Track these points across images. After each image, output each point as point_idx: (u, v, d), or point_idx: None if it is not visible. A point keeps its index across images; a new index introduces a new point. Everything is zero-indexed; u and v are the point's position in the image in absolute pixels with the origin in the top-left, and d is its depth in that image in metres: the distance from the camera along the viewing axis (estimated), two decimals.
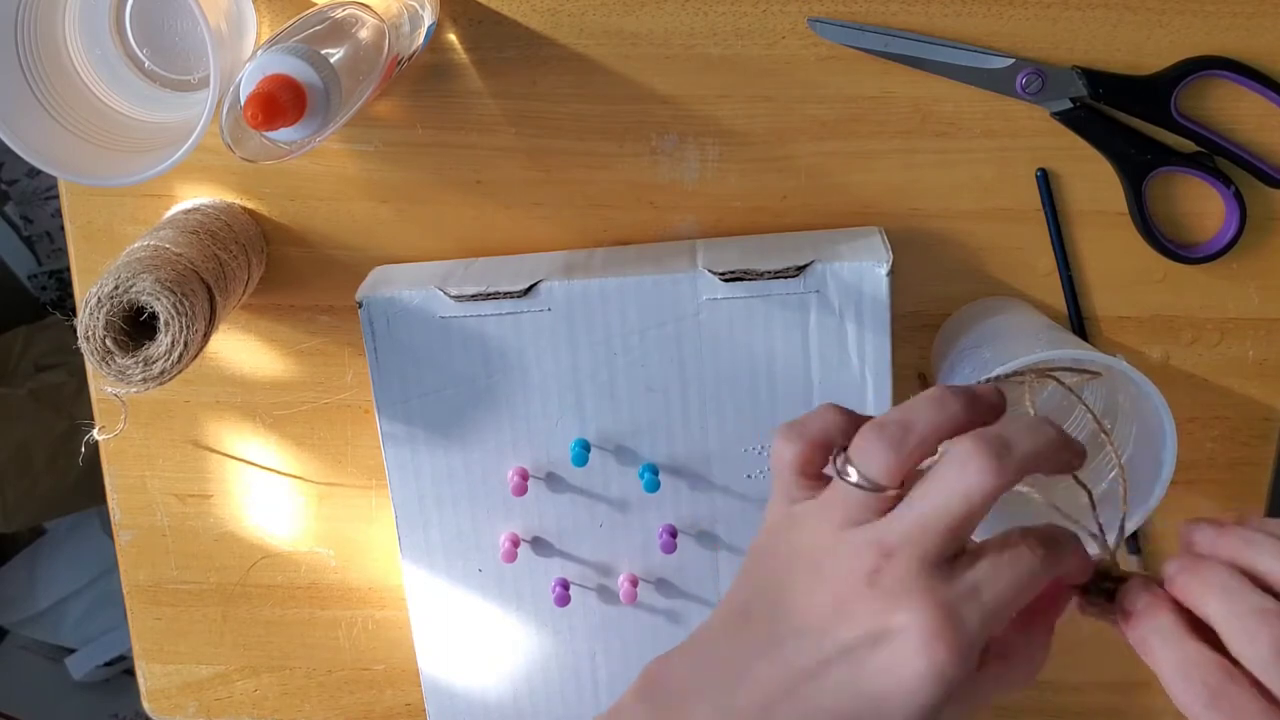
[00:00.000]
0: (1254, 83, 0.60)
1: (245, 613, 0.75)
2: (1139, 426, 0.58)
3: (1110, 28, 0.60)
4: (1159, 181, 0.63)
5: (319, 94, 0.47)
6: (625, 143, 0.63)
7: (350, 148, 0.64)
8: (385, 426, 0.64)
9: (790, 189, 0.64)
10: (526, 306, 0.61)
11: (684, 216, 0.65)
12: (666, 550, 0.64)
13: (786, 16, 0.61)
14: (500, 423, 0.63)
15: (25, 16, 0.55)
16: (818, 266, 0.60)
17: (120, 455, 0.72)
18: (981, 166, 0.63)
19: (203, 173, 0.65)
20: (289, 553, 0.73)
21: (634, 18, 0.61)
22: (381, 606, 0.74)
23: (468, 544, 0.66)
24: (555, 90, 0.63)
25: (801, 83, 0.62)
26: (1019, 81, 0.60)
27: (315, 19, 0.50)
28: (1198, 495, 0.68)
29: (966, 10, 0.60)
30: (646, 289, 0.61)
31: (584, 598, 0.66)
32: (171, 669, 0.76)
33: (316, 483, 0.71)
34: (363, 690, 0.76)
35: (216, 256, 0.60)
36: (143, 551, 0.74)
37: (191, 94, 0.61)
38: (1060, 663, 0.73)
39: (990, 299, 0.65)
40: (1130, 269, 0.64)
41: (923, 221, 0.64)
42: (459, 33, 0.62)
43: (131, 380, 0.57)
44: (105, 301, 0.56)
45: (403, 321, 0.62)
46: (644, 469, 0.63)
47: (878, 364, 0.61)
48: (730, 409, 0.62)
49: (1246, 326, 0.65)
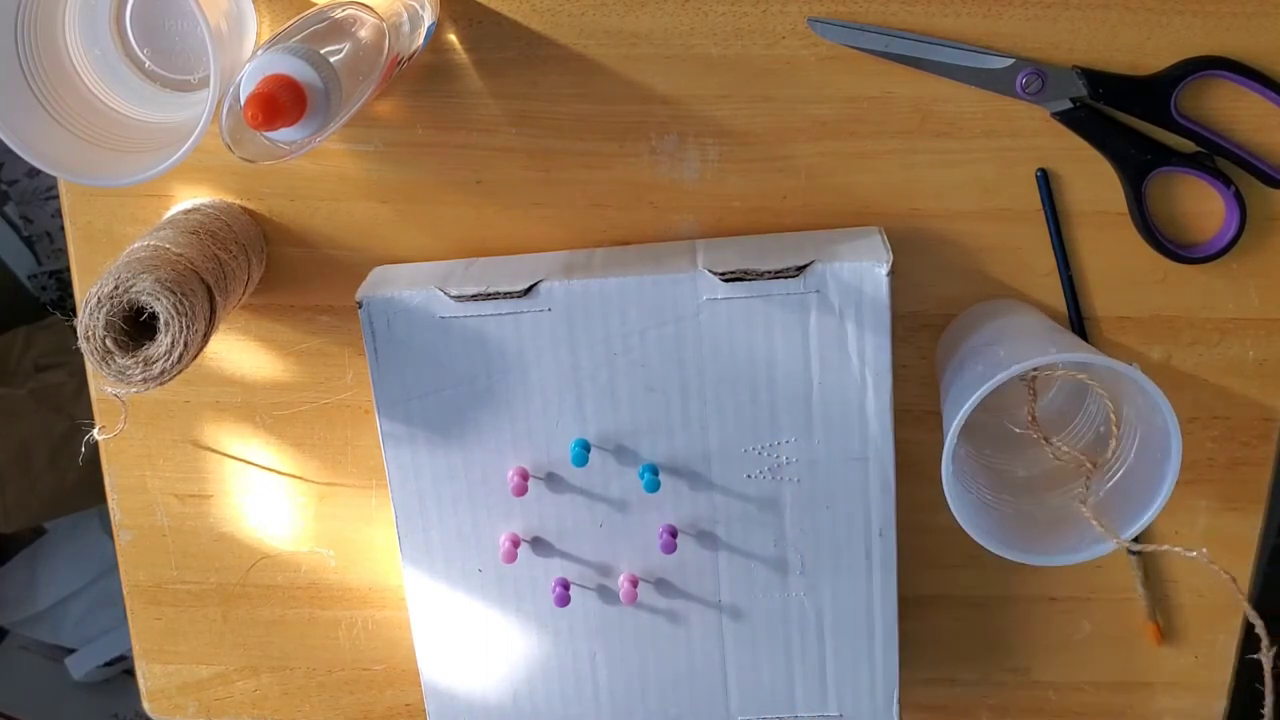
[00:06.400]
0: (1254, 83, 0.60)
1: (245, 613, 0.75)
2: (1143, 430, 0.58)
3: (1110, 28, 0.60)
4: (1159, 181, 0.62)
5: (319, 94, 0.47)
6: (625, 143, 0.63)
7: (350, 148, 0.64)
8: (385, 426, 0.64)
9: (790, 189, 0.64)
10: (526, 306, 0.61)
11: (684, 216, 0.65)
12: (666, 550, 0.64)
13: (786, 16, 0.61)
14: (500, 423, 0.63)
15: (25, 16, 0.55)
16: (818, 266, 0.60)
17: (120, 455, 0.72)
18: (981, 166, 0.63)
19: (203, 173, 0.65)
20: (289, 553, 0.73)
21: (634, 18, 0.61)
22: (381, 606, 0.74)
23: (468, 544, 0.66)
24: (555, 90, 0.63)
25: (801, 83, 0.62)
26: (1019, 81, 0.60)
27: (315, 19, 0.50)
28: (1198, 495, 0.68)
29: (966, 10, 0.60)
30: (646, 289, 0.61)
31: (584, 598, 0.66)
32: (171, 669, 0.76)
33: (316, 483, 0.71)
34: (363, 690, 0.76)
35: (216, 256, 0.60)
36: (143, 551, 0.74)
37: (191, 94, 0.61)
38: (1060, 662, 0.73)
39: (995, 301, 0.65)
40: (1130, 269, 0.64)
41: (923, 221, 0.64)
42: (459, 33, 0.62)
43: (131, 380, 0.57)
44: (105, 301, 0.56)
45: (403, 321, 0.62)
46: (644, 469, 0.63)
47: (878, 364, 0.61)
48: (730, 409, 0.62)
49: (1246, 326, 0.65)
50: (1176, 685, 0.73)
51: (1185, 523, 0.69)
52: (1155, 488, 0.57)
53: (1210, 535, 0.69)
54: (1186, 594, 0.71)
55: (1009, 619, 0.72)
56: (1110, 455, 0.61)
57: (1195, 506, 0.69)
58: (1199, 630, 0.72)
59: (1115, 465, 0.61)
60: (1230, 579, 0.55)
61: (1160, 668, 0.72)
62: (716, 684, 0.68)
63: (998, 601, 0.72)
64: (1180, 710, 0.73)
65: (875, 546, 0.64)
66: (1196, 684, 0.73)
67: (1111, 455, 0.61)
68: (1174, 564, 0.70)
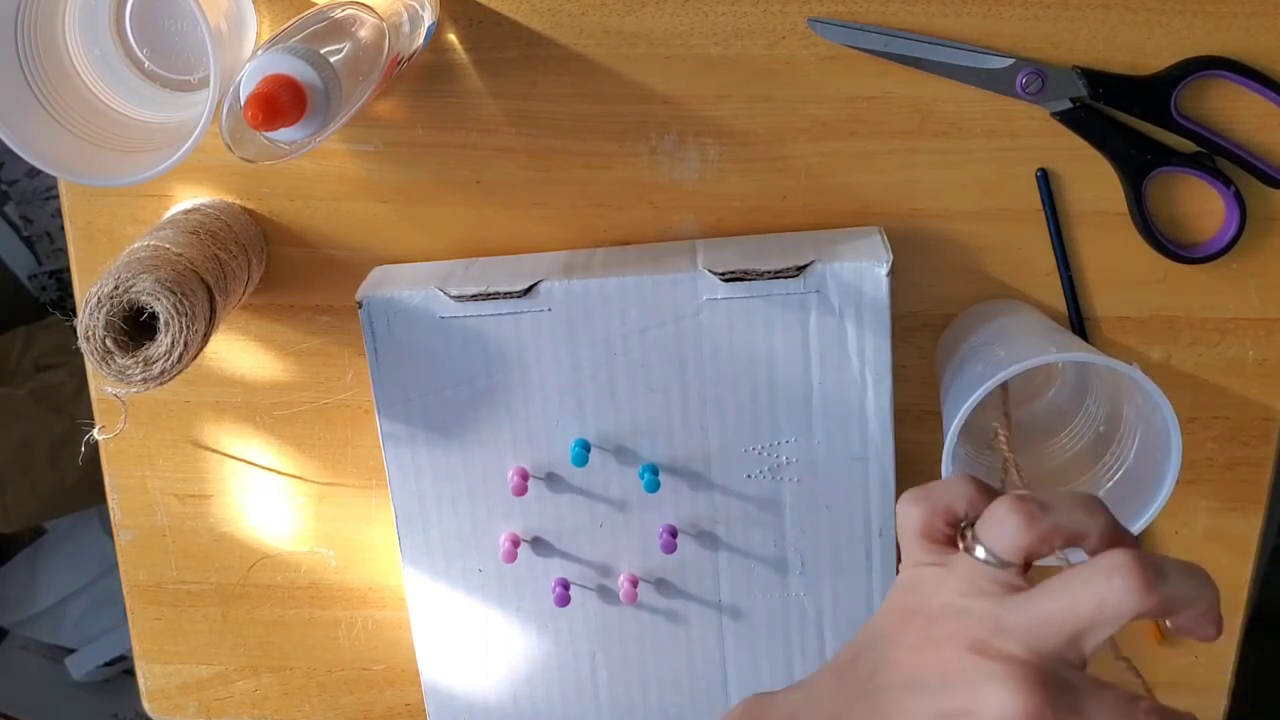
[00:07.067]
0: (1254, 83, 0.60)
1: (245, 613, 0.75)
2: (1143, 431, 0.58)
3: (1110, 28, 0.60)
4: (1159, 181, 0.62)
5: (319, 94, 0.47)
6: (625, 143, 0.63)
7: (350, 148, 0.64)
8: (385, 426, 0.64)
9: (790, 189, 0.64)
10: (526, 306, 0.61)
11: (684, 216, 0.65)
12: (666, 550, 0.64)
13: (786, 16, 0.61)
14: (500, 423, 0.63)
15: (25, 16, 0.55)
16: (818, 266, 0.60)
17: (120, 455, 0.72)
18: (981, 166, 0.63)
19: (203, 173, 0.65)
20: (289, 553, 0.73)
21: (634, 18, 0.61)
22: (381, 606, 0.74)
23: (468, 544, 0.66)
24: (555, 90, 0.63)
25: (801, 83, 0.62)
26: (1019, 81, 0.60)
27: (315, 19, 0.50)
28: (1197, 495, 0.68)
29: (966, 10, 0.60)
30: (646, 289, 0.61)
31: (584, 598, 0.66)
32: (171, 669, 0.76)
33: (316, 483, 0.71)
34: (363, 690, 0.76)
35: (216, 256, 0.60)
36: (143, 551, 0.74)
37: (191, 94, 0.61)
38: None
39: (995, 301, 0.65)
40: (1130, 269, 0.64)
41: (923, 221, 0.64)
42: (459, 33, 0.62)
43: (131, 380, 0.57)
44: (105, 301, 0.56)
45: (403, 321, 0.62)
46: (644, 469, 0.63)
47: (878, 364, 0.61)
48: (730, 409, 0.62)
49: (1246, 326, 0.65)
50: (1176, 685, 0.73)
51: (1185, 523, 0.69)
52: (1155, 488, 0.57)
53: (1210, 535, 0.69)
54: None
55: None
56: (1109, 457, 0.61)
57: (1195, 506, 0.69)
58: None
59: (1115, 465, 0.60)
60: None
61: (1160, 668, 0.72)
62: (716, 684, 0.68)
63: None
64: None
65: (875, 546, 0.64)
66: (1196, 684, 0.73)
67: (1109, 457, 0.61)
68: None
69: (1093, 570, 0.36)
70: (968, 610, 0.38)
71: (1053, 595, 0.36)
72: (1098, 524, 0.38)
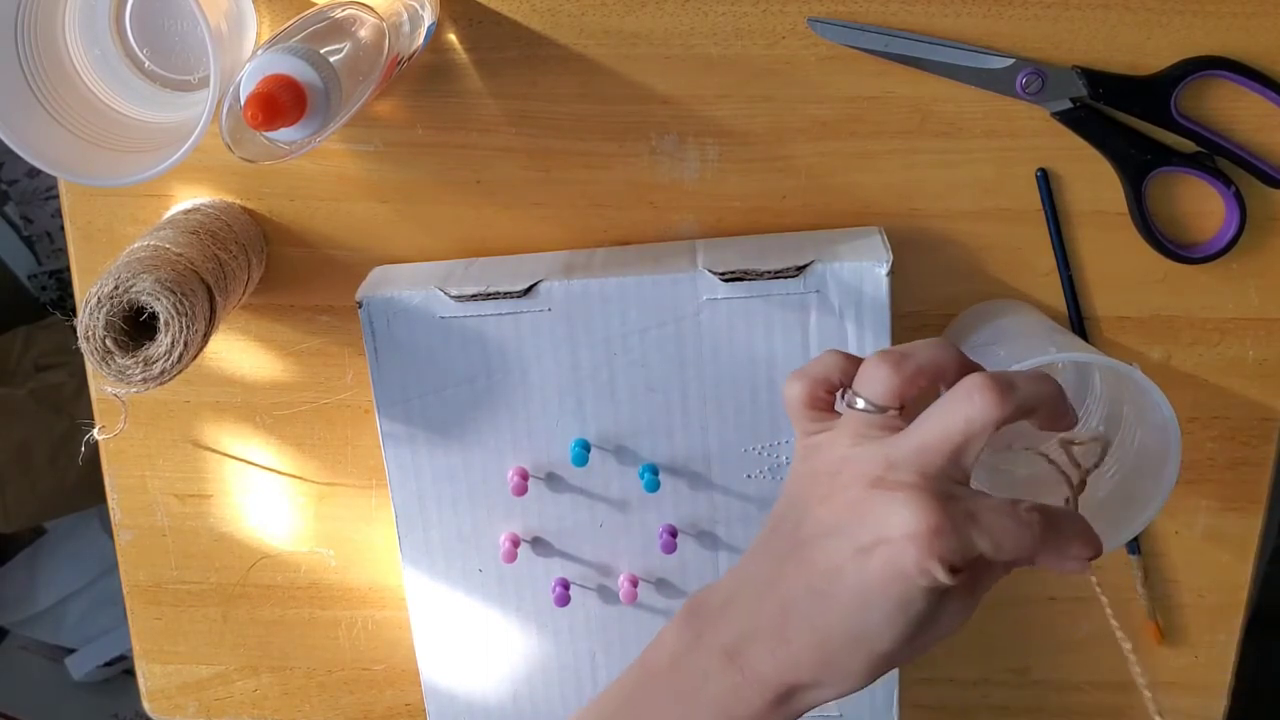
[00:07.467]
0: (1254, 83, 0.60)
1: (245, 613, 0.75)
2: (1143, 432, 0.58)
3: (1110, 28, 0.60)
4: (1159, 181, 0.62)
5: (319, 94, 0.47)
6: (625, 143, 0.63)
7: (350, 148, 0.64)
8: (385, 426, 0.64)
9: (790, 189, 0.64)
10: (526, 306, 0.61)
11: (684, 216, 0.65)
12: (666, 550, 0.64)
13: (786, 16, 0.61)
14: (500, 423, 0.63)
15: (25, 16, 0.55)
16: (818, 266, 0.60)
17: (120, 455, 0.72)
18: (981, 166, 0.63)
19: (203, 173, 0.65)
20: (289, 553, 0.73)
21: (634, 18, 0.61)
22: (381, 606, 0.74)
23: (468, 544, 0.66)
24: (555, 90, 0.63)
25: (801, 83, 0.62)
26: (1019, 81, 0.60)
27: (315, 19, 0.50)
28: (1197, 495, 0.68)
29: (966, 10, 0.60)
30: (646, 289, 0.61)
31: (584, 598, 0.66)
32: (171, 669, 0.76)
33: (316, 483, 0.71)
34: (363, 690, 0.76)
35: (216, 256, 0.60)
36: (143, 551, 0.74)
37: (191, 94, 0.61)
38: (1060, 662, 0.73)
39: (995, 301, 0.65)
40: (1130, 269, 0.64)
41: (923, 221, 0.64)
42: (459, 33, 0.62)
43: (131, 380, 0.57)
44: (105, 301, 0.56)
45: (403, 321, 0.62)
46: (644, 469, 0.63)
47: None
48: (730, 409, 0.62)
49: (1246, 326, 0.65)
50: (1176, 685, 0.73)
51: (1185, 523, 0.69)
52: (1155, 487, 0.57)
53: (1210, 535, 0.69)
54: (1187, 594, 0.71)
55: (1009, 619, 0.72)
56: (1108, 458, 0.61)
57: (1195, 506, 0.69)
58: (1199, 630, 0.72)
59: (1115, 465, 0.60)
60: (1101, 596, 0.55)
61: (1160, 668, 0.72)
62: None
63: (997, 601, 0.72)
64: (1180, 710, 0.73)
65: None
66: (1196, 684, 0.73)
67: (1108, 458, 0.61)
68: (1174, 564, 0.70)
69: (955, 395, 0.42)
70: (860, 456, 0.42)
71: (928, 424, 0.42)
72: (952, 359, 0.44)
